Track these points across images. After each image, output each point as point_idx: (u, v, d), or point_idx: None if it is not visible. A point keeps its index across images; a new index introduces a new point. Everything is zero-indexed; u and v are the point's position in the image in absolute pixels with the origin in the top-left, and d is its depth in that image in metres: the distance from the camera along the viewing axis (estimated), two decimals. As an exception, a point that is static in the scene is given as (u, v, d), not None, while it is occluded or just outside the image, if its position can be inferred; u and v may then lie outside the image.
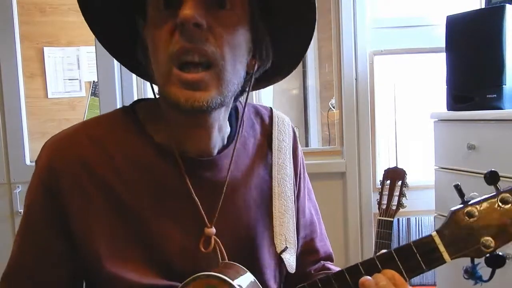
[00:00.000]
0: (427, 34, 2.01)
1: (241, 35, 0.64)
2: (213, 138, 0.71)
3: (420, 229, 2.07)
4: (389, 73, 2.09)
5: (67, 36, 2.89)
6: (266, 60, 0.71)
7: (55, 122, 2.88)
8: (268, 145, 0.80)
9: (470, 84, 1.62)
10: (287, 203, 0.77)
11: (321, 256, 0.85)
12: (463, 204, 0.61)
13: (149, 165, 0.68)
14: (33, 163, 1.95)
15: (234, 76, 0.64)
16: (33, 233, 0.68)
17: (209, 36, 0.60)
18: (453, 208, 0.62)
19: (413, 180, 1.86)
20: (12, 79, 1.91)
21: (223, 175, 0.72)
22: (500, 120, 1.47)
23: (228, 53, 0.61)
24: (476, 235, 0.60)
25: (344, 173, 2.02)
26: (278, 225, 0.74)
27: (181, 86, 0.60)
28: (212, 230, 0.69)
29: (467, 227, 0.60)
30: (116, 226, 0.66)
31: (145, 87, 2.05)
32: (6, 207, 1.95)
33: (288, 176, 0.78)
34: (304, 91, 2.52)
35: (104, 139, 0.68)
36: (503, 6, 1.52)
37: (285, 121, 0.84)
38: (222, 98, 0.63)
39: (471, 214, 0.60)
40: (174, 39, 0.59)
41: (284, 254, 0.73)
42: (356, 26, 1.99)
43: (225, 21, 0.62)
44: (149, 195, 0.68)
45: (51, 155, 0.67)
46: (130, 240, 0.67)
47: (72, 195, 0.66)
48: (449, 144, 1.67)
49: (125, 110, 0.74)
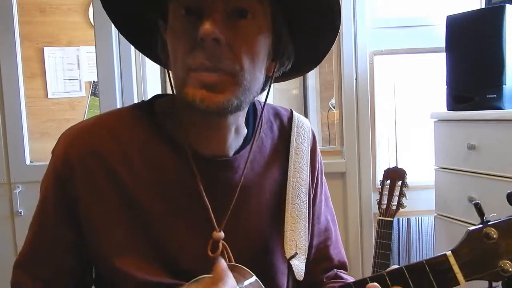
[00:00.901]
0: (427, 34, 2.00)
1: (262, 42, 0.64)
2: (229, 140, 0.70)
3: (420, 229, 2.07)
4: (389, 73, 2.09)
5: (67, 36, 2.89)
6: (286, 62, 0.70)
7: (55, 122, 2.88)
8: (286, 147, 0.78)
9: (470, 84, 1.62)
10: (301, 208, 0.75)
11: (335, 263, 0.84)
12: (482, 224, 0.59)
13: (163, 163, 0.68)
14: (33, 163, 1.95)
15: (253, 83, 0.64)
16: (46, 221, 0.69)
17: (228, 52, 0.60)
18: (470, 228, 0.59)
19: (413, 180, 1.86)
20: (12, 79, 1.91)
21: (237, 176, 0.71)
22: (500, 120, 1.47)
23: (248, 64, 0.61)
24: (494, 258, 0.57)
25: (344, 173, 2.02)
26: (289, 230, 0.73)
27: (198, 86, 0.59)
28: (220, 234, 0.68)
29: (485, 249, 0.57)
30: (125, 221, 0.66)
31: (145, 87, 2.05)
32: (6, 207, 1.94)
33: (303, 180, 0.77)
34: (304, 91, 2.52)
35: (121, 134, 0.68)
36: (503, 6, 1.52)
37: (305, 125, 0.82)
38: (239, 102, 0.62)
39: (490, 236, 0.58)
40: (192, 53, 0.60)
41: (293, 260, 0.72)
42: (356, 26, 1.98)
43: (246, 32, 0.61)
44: (161, 193, 0.68)
45: (67, 145, 0.68)
46: (139, 236, 0.67)
47: (84, 187, 0.66)
48: (449, 144, 1.67)
49: (143, 106, 0.73)
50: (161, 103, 0.73)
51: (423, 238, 2.07)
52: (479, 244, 0.58)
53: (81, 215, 0.67)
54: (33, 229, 0.71)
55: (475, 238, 0.58)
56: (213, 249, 0.67)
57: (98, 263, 0.71)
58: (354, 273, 2.03)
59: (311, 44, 0.72)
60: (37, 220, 0.71)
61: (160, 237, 0.67)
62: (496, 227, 0.58)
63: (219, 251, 0.67)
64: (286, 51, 0.69)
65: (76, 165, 0.66)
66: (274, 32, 0.66)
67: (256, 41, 0.63)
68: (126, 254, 0.66)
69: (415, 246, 2.07)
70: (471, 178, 1.55)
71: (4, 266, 0.73)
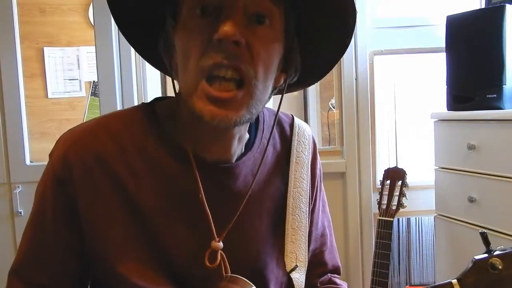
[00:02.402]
0: (427, 34, 2.00)
1: (277, 50, 0.63)
2: (233, 147, 0.69)
3: (420, 229, 2.07)
4: (389, 73, 2.09)
5: (67, 36, 2.89)
6: (294, 74, 0.69)
7: (55, 122, 2.88)
8: (287, 156, 0.77)
9: (470, 84, 1.62)
10: (301, 219, 0.74)
11: (329, 268, 0.84)
12: (488, 254, 0.59)
13: (164, 167, 0.67)
14: (33, 163, 1.95)
15: (264, 94, 0.63)
16: (44, 225, 0.67)
17: (246, 54, 0.58)
18: (476, 257, 0.60)
19: (413, 180, 1.86)
20: (12, 79, 1.91)
21: (239, 183, 0.70)
22: (500, 120, 1.47)
23: (262, 71, 0.60)
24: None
25: (344, 173, 2.02)
26: (289, 242, 0.72)
27: (207, 101, 0.58)
28: (219, 244, 0.66)
29: (490, 279, 0.57)
30: (124, 224, 0.65)
31: (145, 87, 2.05)
32: (6, 207, 1.94)
33: (304, 190, 0.76)
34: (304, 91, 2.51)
35: (122, 136, 0.67)
36: (503, 6, 1.52)
37: (306, 132, 0.81)
38: (250, 116, 0.61)
39: (495, 267, 0.58)
40: (208, 53, 0.57)
41: (294, 273, 0.71)
42: (356, 26, 1.98)
43: (263, 38, 0.60)
44: (162, 197, 0.66)
45: (67, 146, 0.66)
46: (139, 239, 0.65)
47: (84, 188, 0.65)
48: (449, 144, 1.67)
49: (145, 108, 0.71)
50: (163, 106, 0.72)
51: (423, 238, 2.07)
52: (484, 274, 0.58)
53: (81, 217, 0.65)
54: (29, 234, 0.69)
55: (481, 267, 0.58)
56: (211, 259, 0.65)
57: (97, 266, 0.68)
58: (354, 273, 2.03)
59: (317, 58, 0.71)
60: (33, 224, 0.68)
61: (159, 242, 0.66)
62: (502, 258, 0.58)
63: (217, 262, 0.65)
64: (294, 62, 0.68)
65: (75, 166, 0.64)
66: (286, 41, 0.64)
67: (272, 48, 0.61)
68: (125, 256, 0.65)
69: (415, 246, 2.07)
70: (471, 178, 1.55)
71: (4, 266, 0.72)
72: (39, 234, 0.68)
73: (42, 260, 0.68)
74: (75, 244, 0.67)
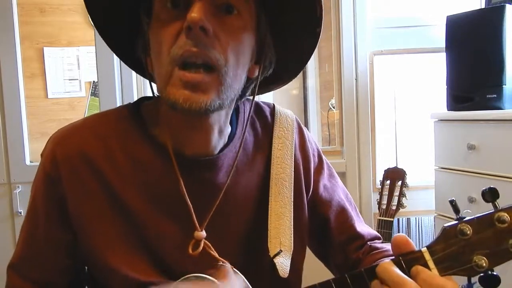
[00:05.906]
0: (427, 34, 2.01)
1: (246, 41, 0.64)
2: (213, 140, 0.70)
3: (420, 229, 2.07)
4: (389, 73, 2.09)
5: (67, 36, 2.89)
6: (268, 66, 0.71)
7: (55, 122, 2.88)
8: (269, 143, 0.78)
9: (470, 84, 1.62)
10: (285, 204, 0.75)
11: (367, 238, 0.82)
12: (457, 220, 0.60)
13: (147, 163, 0.69)
14: (33, 163, 1.95)
15: (235, 81, 0.64)
16: (37, 221, 0.70)
17: (214, 42, 0.60)
18: (446, 224, 0.60)
19: (413, 180, 1.86)
20: (12, 79, 1.91)
21: (221, 175, 0.71)
22: (500, 120, 1.47)
23: (232, 59, 0.62)
24: (468, 253, 0.57)
25: (344, 173, 2.02)
26: (273, 228, 0.73)
27: (181, 86, 0.59)
28: (201, 233, 0.68)
29: (459, 245, 0.57)
30: (112, 220, 0.68)
31: (145, 87, 2.05)
32: (6, 207, 1.94)
33: (287, 175, 0.77)
34: (304, 91, 2.52)
35: (107, 135, 0.70)
36: (503, 6, 1.52)
37: (288, 118, 0.82)
38: (221, 102, 0.62)
39: (464, 232, 0.58)
40: (179, 42, 0.59)
41: (278, 258, 0.71)
42: (356, 26, 1.98)
43: (232, 27, 0.62)
44: (145, 193, 0.68)
45: (54, 145, 0.70)
46: (127, 234, 0.68)
47: (72, 186, 0.67)
48: (449, 144, 1.67)
49: (130, 108, 0.74)
50: (147, 105, 0.75)
51: (423, 238, 2.07)
52: (454, 240, 0.58)
53: (71, 214, 0.68)
54: (25, 230, 0.72)
55: (450, 234, 0.59)
56: (194, 248, 0.67)
57: (89, 261, 0.71)
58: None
59: (291, 50, 0.72)
60: (28, 221, 0.72)
61: (146, 235, 0.68)
62: (471, 224, 0.58)
63: (199, 250, 0.67)
64: (268, 55, 0.69)
65: (62, 164, 0.67)
66: (258, 33, 0.67)
67: (241, 37, 0.63)
68: (115, 250, 0.67)
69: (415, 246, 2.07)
70: (471, 178, 1.55)
71: (4, 266, 0.73)
72: (32, 231, 0.71)
73: (35, 256, 0.71)
74: (66, 240, 0.70)
